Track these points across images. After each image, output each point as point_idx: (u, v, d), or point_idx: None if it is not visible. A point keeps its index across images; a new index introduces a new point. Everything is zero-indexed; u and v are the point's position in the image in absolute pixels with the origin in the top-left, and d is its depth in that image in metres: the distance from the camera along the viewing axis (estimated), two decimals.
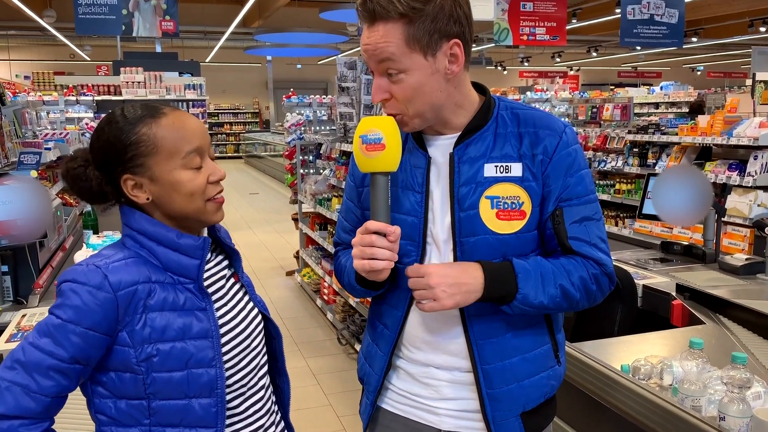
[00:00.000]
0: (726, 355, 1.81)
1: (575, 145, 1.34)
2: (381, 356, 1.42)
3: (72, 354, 1.09)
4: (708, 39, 17.36)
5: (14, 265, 2.60)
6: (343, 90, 4.50)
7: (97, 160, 1.20)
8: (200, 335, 1.17)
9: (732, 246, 4.33)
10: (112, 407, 1.16)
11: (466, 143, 1.32)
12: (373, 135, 1.22)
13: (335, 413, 3.67)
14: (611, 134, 6.29)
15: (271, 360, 1.38)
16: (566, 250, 1.32)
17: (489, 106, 1.35)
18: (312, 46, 15.82)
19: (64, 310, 1.10)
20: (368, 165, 1.24)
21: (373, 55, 1.25)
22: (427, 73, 1.25)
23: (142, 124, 1.17)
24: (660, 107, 15.01)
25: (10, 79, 15.62)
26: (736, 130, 4.60)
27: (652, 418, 1.62)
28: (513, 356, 1.33)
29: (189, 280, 1.20)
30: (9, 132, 3.47)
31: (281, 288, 6.30)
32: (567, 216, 1.30)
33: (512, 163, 1.30)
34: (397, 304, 1.38)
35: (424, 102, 1.27)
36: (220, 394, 1.19)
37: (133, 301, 1.13)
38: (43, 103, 8.09)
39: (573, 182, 1.31)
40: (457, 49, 1.26)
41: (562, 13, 6.98)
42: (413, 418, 1.41)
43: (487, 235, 1.29)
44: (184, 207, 1.19)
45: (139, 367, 1.13)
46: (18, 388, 1.06)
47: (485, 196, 1.29)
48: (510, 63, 21.87)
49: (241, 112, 22.73)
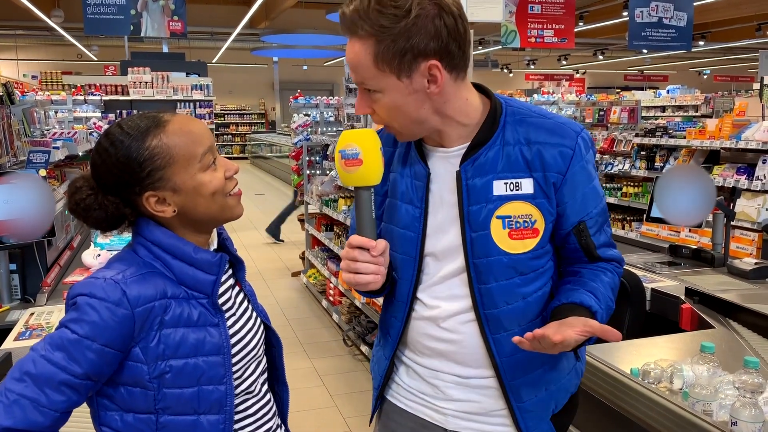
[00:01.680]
0: (736, 360, 1.80)
1: (589, 153, 1.29)
2: (383, 360, 1.44)
3: (86, 370, 1.06)
4: (715, 42, 17.31)
5: (22, 264, 2.60)
6: (351, 91, 4.50)
7: (109, 185, 1.14)
8: (212, 352, 1.15)
9: (740, 250, 4.31)
10: (118, 420, 1.14)
11: (472, 159, 1.25)
12: (350, 150, 1.19)
13: (341, 414, 3.66)
14: (618, 137, 6.27)
15: (271, 369, 1.37)
16: (594, 259, 1.32)
17: (495, 114, 1.27)
18: (318, 47, 15.84)
19: (80, 326, 1.06)
20: (348, 180, 1.22)
21: (351, 69, 1.22)
22: (403, 94, 1.19)
23: (150, 137, 1.13)
24: (667, 110, 14.98)
25: (18, 79, 15.69)
26: (745, 133, 4.58)
27: (663, 423, 1.61)
28: (537, 368, 1.31)
29: (203, 296, 1.17)
30: (18, 131, 3.49)
31: (287, 289, 6.30)
32: (591, 227, 1.29)
33: (522, 180, 1.25)
34: (396, 314, 1.38)
35: (406, 119, 1.22)
36: (229, 411, 1.18)
37: (150, 318, 1.10)
38: (52, 103, 8.11)
39: (588, 193, 1.29)
40: (435, 71, 1.16)
41: (570, 15, 6.96)
42: (421, 415, 1.40)
43: (500, 255, 1.25)
44: (209, 208, 1.17)
45: (151, 384, 1.11)
46: (27, 401, 1.03)
47: (496, 216, 1.25)
48: (516, 66, 21.85)
49: (247, 113, 22.77)
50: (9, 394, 1.04)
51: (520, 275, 1.27)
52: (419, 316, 1.34)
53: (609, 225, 1.36)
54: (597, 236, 1.30)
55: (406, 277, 1.33)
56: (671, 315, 2.46)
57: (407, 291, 1.33)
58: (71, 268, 3.09)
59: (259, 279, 6.56)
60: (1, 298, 2.52)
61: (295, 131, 6.65)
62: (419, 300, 1.34)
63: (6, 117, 3.24)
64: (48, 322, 2.24)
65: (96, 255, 2.86)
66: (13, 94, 3.78)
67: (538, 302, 1.30)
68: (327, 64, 21.37)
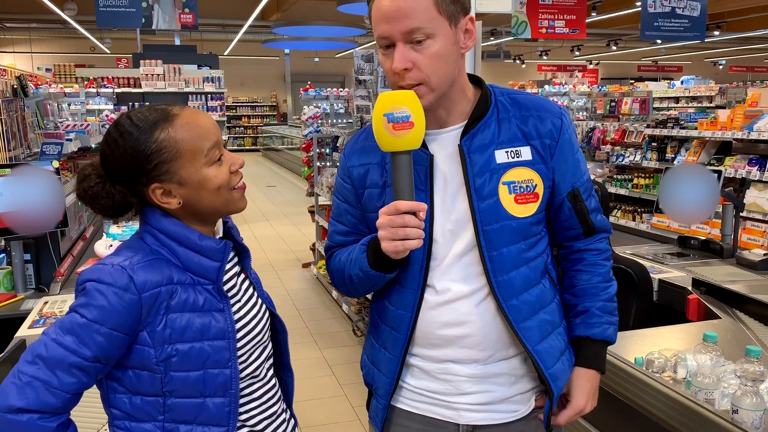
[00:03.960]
0: (741, 350, 1.81)
1: (571, 127, 1.40)
2: (391, 359, 1.38)
3: (95, 353, 1.09)
4: (730, 33, 17.08)
5: (36, 254, 2.65)
6: (360, 83, 4.51)
7: (116, 174, 1.17)
8: (217, 336, 1.18)
9: (750, 242, 4.29)
10: (126, 402, 1.17)
11: (471, 133, 1.31)
12: (400, 113, 1.18)
13: (350, 403, 3.70)
14: (630, 128, 6.24)
15: (277, 354, 1.39)
16: (588, 228, 1.40)
17: (487, 94, 1.36)
18: (329, 39, 15.83)
19: (89, 310, 1.10)
20: (393, 144, 1.20)
21: (398, 19, 1.21)
22: (451, 42, 1.25)
23: (158, 130, 1.15)
24: (680, 101, 14.84)
25: (32, 72, 15.82)
26: (757, 124, 4.54)
27: (666, 411, 1.62)
28: (550, 333, 1.36)
29: (208, 282, 1.20)
30: (32, 123, 3.53)
31: (297, 280, 6.34)
32: (583, 194, 1.38)
33: (521, 147, 1.32)
34: (404, 305, 1.35)
35: (446, 73, 1.26)
36: (234, 394, 1.21)
37: (156, 303, 1.13)
38: (65, 95, 8.19)
39: (579, 161, 1.39)
40: (471, 25, 1.28)
41: (581, 5, 6.90)
42: (430, 414, 1.38)
43: (509, 220, 1.30)
44: (213, 201, 1.20)
45: (158, 367, 1.14)
46: (39, 383, 1.06)
47: (503, 182, 1.30)
48: (528, 56, 21.71)
49: (259, 105, 22.83)
50: (22, 376, 1.07)
51: (524, 239, 1.33)
52: (430, 304, 1.33)
53: (594, 194, 1.45)
54: (588, 201, 1.40)
55: (415, 262, 1.33)
56: (678, 306, 2.46)
57: (417, 277, 1.33)
58: (84, 258, 3.14)
59: (270, 270, 6.61)
60: (17, 288, 2.57)
61: (306, 123, 6.67)
62: (430, 287, 1.34)
63: (20, 109, 3.29)
64: (61, 310, 2.29)
65: (108, 245, 2.91)
66: (27, 87, 3.82)
67: (538, 268, 1.36)
68: (338, 56, 21.35)
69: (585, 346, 1.40)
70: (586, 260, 1.42)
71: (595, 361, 1.41)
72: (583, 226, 1.40)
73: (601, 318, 1.39)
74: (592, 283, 1.41)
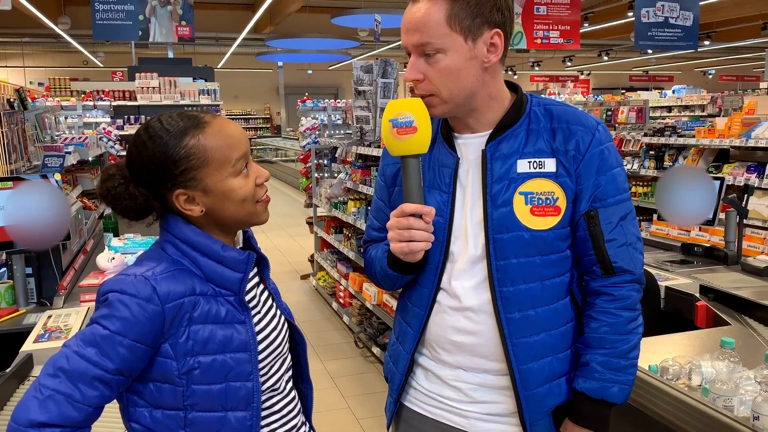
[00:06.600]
0: (754, 356, 1.80)
1: (608, 143, 1.33)
2: (404, 355, 1.41)
3: (118, 366, 1.07)
4: (720, 42, 17.26)
5: (38, 268, 2.62)
6: (360, 93, 4.51)
7: (141, 177, 1.16)
8: (240, 348, 1.17)
9: (751, 249, 4.29)
10: (147, 416, 1.15)
11: (498, 140, 1.31)
12: (403, 118, 1.23)
13: (354, 416, 3.67)
14: (627, 137, 6.26)
15: (295, 366, 1.38)
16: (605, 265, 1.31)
17: (521, 102, 1.34)
18: (323, 51, 15.89)
19: (111, 321, 1.08)
20: (399, 148, 1.25)
21: (412, 32, 1.24)
22: (465, 57, 1.25)
23: (189, 137, 1.14)
24: (673, 110, 14.95)
25: (25, 86, 15.77)
26: (755, 132, 4.57)
27: (683, 419, 1.61)
28: (546, 356, 1.32)
29: (230, 293, 1.18)
30: (32, 136, 3.51)
31: (296, 291, 6.31)
32: (602, 217, 1.30)
33: (546, 159, 1.29)
34: (419, 303, 1.38)
35: (459, 86, 1.26)
36: (256, 407, 1.19)
37: (179, 314, 1.12)
38: (62, 108, 8.16)
39: (605, 181, 1.30)
40: (497, 39, 1.26)
41: (575, 16, 6.96)
42: (443, 420, 1.39)
43: (522, 231, 1.28)
44: (236, 213, 1.19)
45: (180, 380, 1.12)
46: (61, 396, 1.04)
47: (519, 192, 1.28)
48: (520, 67, 21.83)
49: (253, 118, 22.83)
50: (43, 389, 1.05)
51: (540, 254, 1.29)
52: (442, 307, 1.34)
53: (634, 226, 1.34)
54: (608, 228, 1.30)
55: (432, 262, 1.34)
56: (686, 313, 2.45)
57: (433, 277, 1.34)
58: (86, 271, 3.11)
59: None
60: (18, 302, 2.54)
61: (304, 134, 6.67)
62: (443, 290, 1.35)
63: (20, 122, 3.27)
64: (66, 324, 2.25)
65: (110, 258, 2.88)
66: (26, 100, 3.81)
67: (555, 288, 1.31)
68: (332, 68, 21.41)
69: (579, 401, 1.32)
70: (596, 306, 1.33)
71: (589, 420, 1.31)
72: (597, 256, 1.30)
73: (602, 374, 1.29)
74: (598, 333, 1.31)
